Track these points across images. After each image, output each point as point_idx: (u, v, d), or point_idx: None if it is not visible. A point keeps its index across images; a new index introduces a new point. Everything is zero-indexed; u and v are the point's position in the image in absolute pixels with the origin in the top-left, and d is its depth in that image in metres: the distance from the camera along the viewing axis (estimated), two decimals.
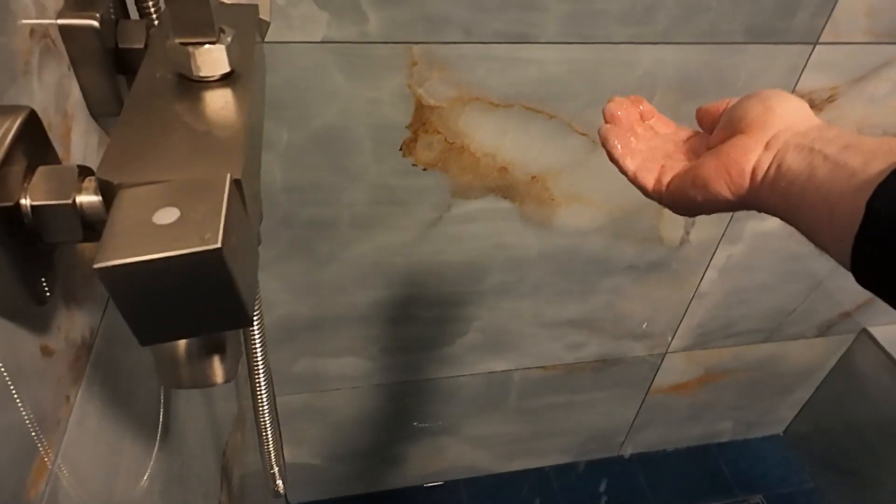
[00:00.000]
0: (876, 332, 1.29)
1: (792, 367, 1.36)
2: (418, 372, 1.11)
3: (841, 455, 1.43)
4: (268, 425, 0.45)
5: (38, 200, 0.23)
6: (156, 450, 0.45)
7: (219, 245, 0.20)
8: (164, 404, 0.48)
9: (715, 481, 1.46)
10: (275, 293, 0.91)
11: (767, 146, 0.33)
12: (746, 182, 0.33)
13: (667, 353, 1.22)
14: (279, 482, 0.52)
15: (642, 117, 0.44)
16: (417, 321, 1.01)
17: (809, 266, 1.11)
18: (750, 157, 0.33)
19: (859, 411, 1.36)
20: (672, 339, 1.19)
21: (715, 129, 0.38)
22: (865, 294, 1.35)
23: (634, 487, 1.43)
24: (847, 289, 1.18)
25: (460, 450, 1.32)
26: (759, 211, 0.34)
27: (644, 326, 1.11)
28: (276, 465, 0.50)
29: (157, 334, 0.22)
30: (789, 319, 1.22)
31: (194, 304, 0.21)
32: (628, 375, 1.25)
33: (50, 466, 0.28)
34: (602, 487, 1.42)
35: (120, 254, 0.19)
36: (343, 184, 0.80)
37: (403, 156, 0.79)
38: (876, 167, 0.27)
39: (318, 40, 0.67)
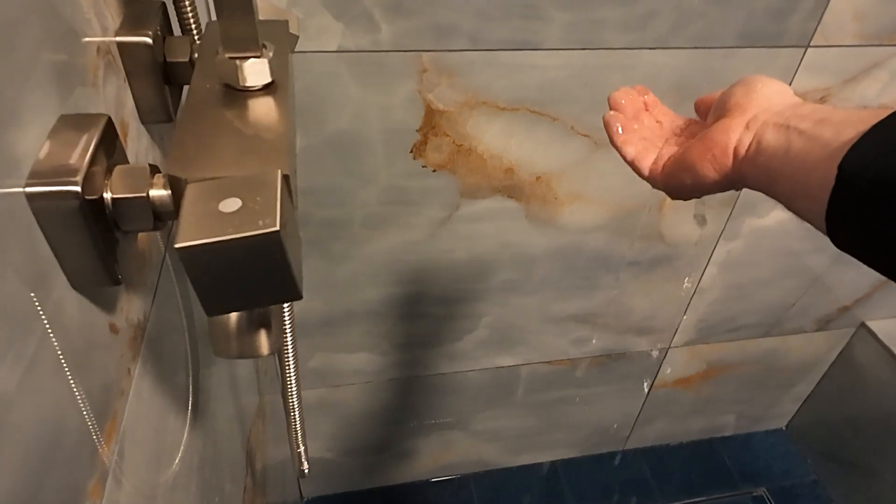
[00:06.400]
0: (874, 326, 1.32)
1: (793, 362, 1.39)
2: (428, 367, 1.15)
3: (842, 448, 1.45)
4: (296, 404, 0.49)
5: (117, 194, 0.27)
6: (187, 429, 0.49)
7: (277, 228, 0.24)
8: (193, 390, 0.52)
9: (718, 474, 1.49)
10: None
11: (748, 126, 0.35)
12: (729, 161, 0.36)
13: (670, 347, 1.25)
14: (305, 462, 0.56)
15: (646, 107, 0.46)
16: (427, 317, 1.05)
17: (807, 261, 1.14)
18: (732, 137, 0.36)
19: (860, 404, 1.39)
20: (675, 333, 1.22)
21: (708, 117, 0.41)
22: (863, 289, 1.37)
23: (639, 481, 1.46)
24: (845, 283, 1.21)
25: (469, 444, 1.35)
26: (745, 187, 0.36)
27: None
28: (303, 444, 0.53)
29: (222, 306, 0.26)
30: (789, 314, 1.25)
31: (254, 280, 0.25)
32: (633, 370, 1.28)
33: (119, 428, 0.32)
34: (608, 481, 1.45)
35: (197, 236, 0.23)
36: (356, 186, 0.84)
37: (414, 158, 0.83)
38: (847, 135, 0.29)
39: (334, 50, 0.71)
